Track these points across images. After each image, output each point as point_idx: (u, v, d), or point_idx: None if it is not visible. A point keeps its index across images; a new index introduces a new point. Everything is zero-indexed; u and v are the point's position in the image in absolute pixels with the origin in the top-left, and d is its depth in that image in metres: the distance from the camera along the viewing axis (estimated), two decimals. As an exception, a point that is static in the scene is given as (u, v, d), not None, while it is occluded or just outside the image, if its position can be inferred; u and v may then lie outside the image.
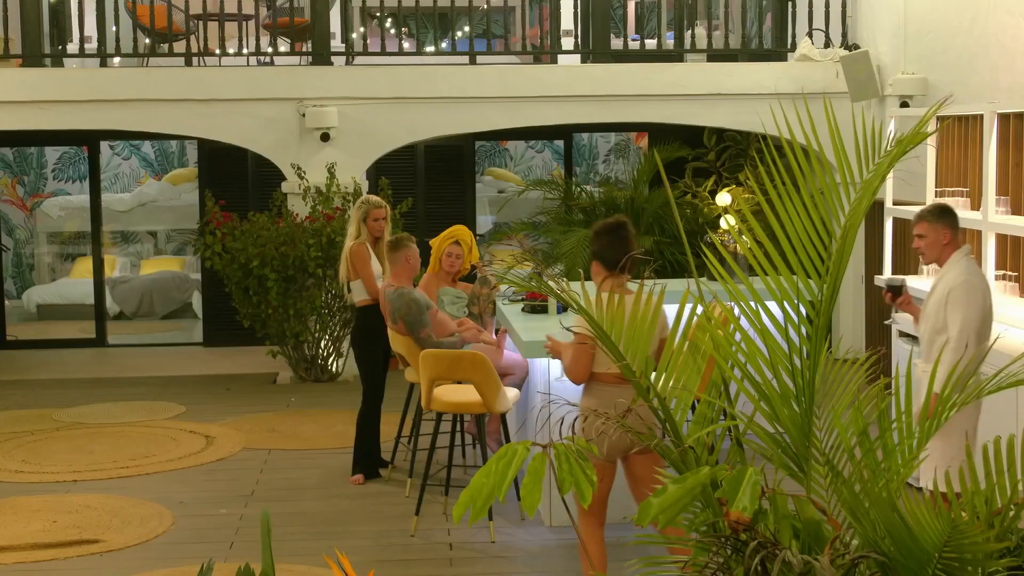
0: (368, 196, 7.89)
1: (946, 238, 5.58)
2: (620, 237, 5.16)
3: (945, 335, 5.50)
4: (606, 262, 5.15)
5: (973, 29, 8.73)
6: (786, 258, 3.28)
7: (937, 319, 5.57)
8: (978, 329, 5.41)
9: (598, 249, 5.19)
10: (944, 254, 5.61)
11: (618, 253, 5.09)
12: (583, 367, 5.05)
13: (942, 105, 3.73)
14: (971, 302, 5.39)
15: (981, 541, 2.74)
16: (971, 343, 5.37)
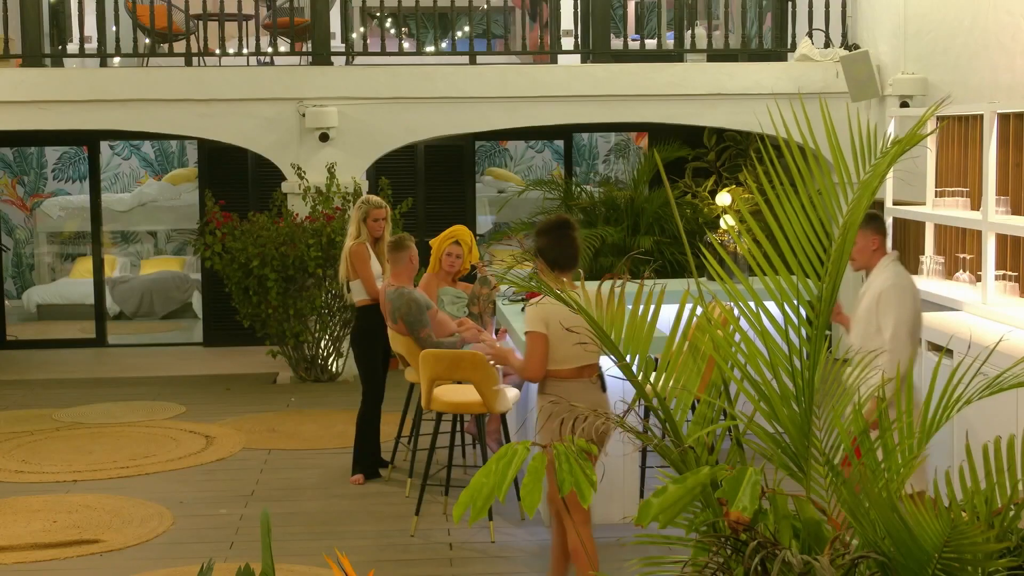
0: (368, 196, 7.89)
1: (875, 244, 5.67)
2: (565, 236, 5.22)
3: (879, 339, 5.55)
4: (549, 261, 5.20)
5: (973, 29, 8.73)
6: (785, 259, 3.28)
7: (869, 324, 5.64)
8: (911, 329, 5.49)
9: (542, 247, 5.24)
10: (873, 260, 5.70)
11: (562, 252, 5.18)
12: (539, 364, 5.12)
13: (940, 105, 3.73)
14: (903, 303, 5.47)
15: (981, 541, 2.74)
16: (906, 343, 5.44)
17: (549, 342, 5.07)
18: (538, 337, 5.09)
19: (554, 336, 5.04)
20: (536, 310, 5.11)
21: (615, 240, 10.89)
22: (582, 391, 5.10)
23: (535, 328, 5.10)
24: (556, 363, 5.12)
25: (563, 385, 5.11)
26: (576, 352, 5.00)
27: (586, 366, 5.17)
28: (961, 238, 8.21)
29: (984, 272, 7.13)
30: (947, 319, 7.06)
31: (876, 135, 3.32)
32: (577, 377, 5.13)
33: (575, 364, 5.12)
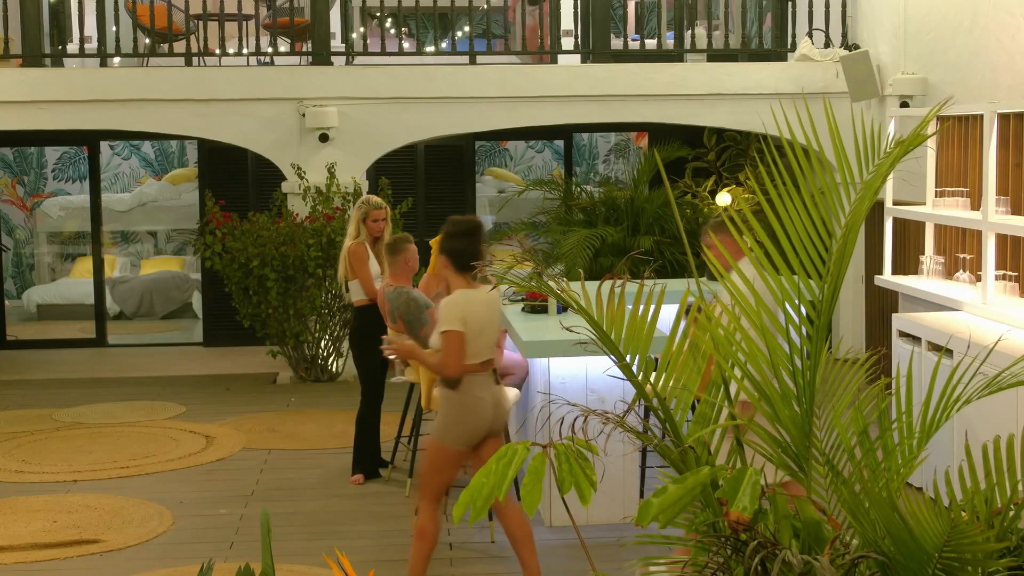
0: (368, 196, 7.89)
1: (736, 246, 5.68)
2: (477, 240, 5.40)
3: None
4: (459, 263, 5.37)
5: (973, 29, 8.73)
6: (787, 258, 3.28)
7: None
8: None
9: (453, 249, 5.39)
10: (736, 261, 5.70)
11: (472, 256, 5.35)
12: (458, 361, 5.27)
13: (944, 106, 3.73)
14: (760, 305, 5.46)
15: (981, 541, 2.74)
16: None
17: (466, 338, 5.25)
18: (457, 335, 5.25)
19: (470, 332, 5.26)
20: (453, 308, 5.29)
21: (615, 240, 10.89)
22: (487, 384, 5.37)
23: (453, 326, 5.25)
24: (468, 358, 5.31)
25: (473, 379, 5.32)
26: (483, 347, 5.31)
27: (489, 360, 5.40)
28: (961, 238, 8.21)
29: (984, 272, 7.13)
30: (947, 319, 7.06)
31: (879, 135, 3.32)
32: (481, 371, 5.35)
33: (481, 359, 5.35)
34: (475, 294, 5.35)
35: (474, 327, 5.27)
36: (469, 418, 5.32)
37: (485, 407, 5.34)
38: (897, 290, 8.45)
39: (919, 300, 7.91)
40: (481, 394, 5.34)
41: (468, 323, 5.26)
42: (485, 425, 5.36)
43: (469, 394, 5.30)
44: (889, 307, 9.04)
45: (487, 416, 5.35)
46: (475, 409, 5.32)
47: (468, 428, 5.33)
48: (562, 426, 3.31)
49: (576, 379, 6.57)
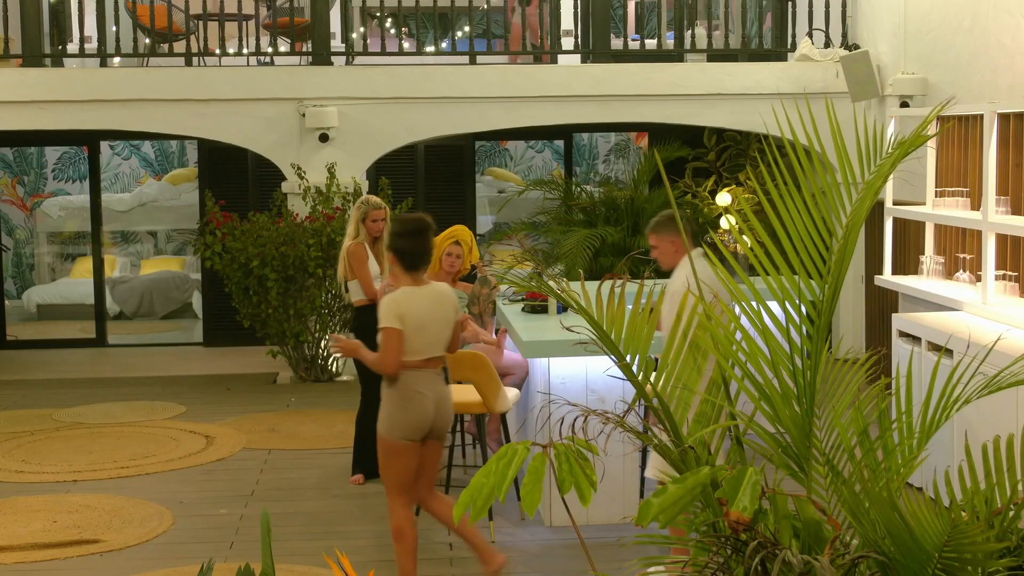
0: (368, 196, 7.89)
1: (675, 244, 5.82)
2: (423, 240, 5.49)
3: None
4: (407, 262, 5.47)
5: (973, 29, 8.73)
6: (787, 258, 3.28)
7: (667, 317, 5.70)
8: None
9: (400, 248, 5.48)
10: (676, 259, 5.83)
11: (418, 256, 5.46)
12: (395, 358, 5.36)
13: (945, 106, 3.73)
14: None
15: (981, 541, 2.74)
16: None
17: (404, 336, 5.33)
18: (393, 332, 5.33)
19: (408, 329, 5.34)
20: (391, 305, 5.37)
21: (615, 240, 10.89)
22: (429, 381, 5.43)
23: (390, 323, 5.34)
24: (407, 354, 5.38)
25: (412, 375, 5.39)
26: (426, 344, 5.39)
27: (434, 358, 5.46)
28: (961, 238, 8.21)
29: (984, 272, 7.13)
30: (947, 319, 7.06)
31: (880, 136, 3.32)
32: (424, 367, 5.41)
33: (424, 356, 5.41)
34: (418, 292, 5.43)
35: (413, 324, 5.34)
36: (409, 412, 5.38)
37: (426, 402, 5.40)
38: (897, 290, 8.45)
39: (919, 300, 7.91)
40: (422, 389, 5.40)
41: (406, 320, 5.34)
42: (427, 421, 5.42)
43: (409, 388, 5.37)
44: (889, 307, 9.04)
45: (428, 412, 5.41)
46: (415, 404, 5.38)
47: (409, 422, 5.39)
48: (562, 426, 3.31)
49: (576, 379, 6.57)
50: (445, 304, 5.48)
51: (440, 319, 5.44)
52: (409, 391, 5.38)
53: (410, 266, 5.45)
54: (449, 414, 5.56)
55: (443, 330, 5.46)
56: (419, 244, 5.45)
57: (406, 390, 5.38)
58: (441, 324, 5.45)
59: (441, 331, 5.45)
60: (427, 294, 5.43)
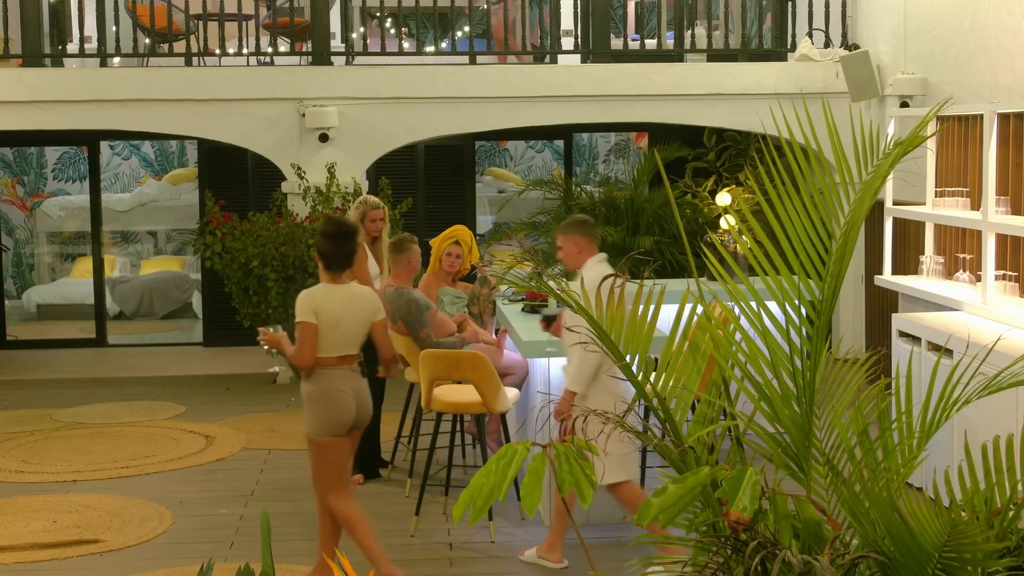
0: (366, 196, 7.89)
1: (579, 247, 5.94)
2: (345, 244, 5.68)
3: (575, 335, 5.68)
4: (324, 263, 5.68)
5: (973, 29, 8.73)
6: (786, 258, 3.28)
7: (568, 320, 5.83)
8: None
9: (321, 249, 5.70)
10: (579, 262, 5.93)
11: (337, 260, 5.66)
12: (310, 352, 5.51)
13: (942, 107, 3.73)
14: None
15: (981, 541, 2.75)
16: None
17: (318, 331, 5.49)
18: (308, 327, 5.50)
19: (323, 325, 5.51)
20: (306, 300, 5.56)
21: (615, 240, 10.89)
22: (345, 378, 5.59)
23: (306, 318, 5.52)
24: (323, 351, 5.55)
25: (328, 372, 5.56)
26: (341, 341, 5.56)
27: (348, 355, 5.63)
28: (961, 238, 8.21)
29: (984, 272, 7.13)
30: (947, 319, 7.06)
31: (879, 136, 3.32)
32: (340, 365, 5.58)
33: (339, 353, 5.59)
34: (335, 290, 5.63)
35: (327, 321, 5.51)
36: (332, 409, 5.55)
37: (346, 399, 5.57)
38: (897, 290, 8.45)
39: (919, 300, 7.91)
40: (341, 387, 5.57)
41: (320, 316, 5.51)
42: (350, 415, 5.60)
43: (329, 386, 5.54)
44: (889, 307, 9.03)
45: (350, 407, 5.59)
46: (336, 400, 5.55)
47: (333, 419, 5.55)
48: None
49: (576, 379, 6.55)
50: (361, 304, 5.66)
51: (355, 318, 5.61)
52: (330, 389, 5.55)
53: (328, 267, 5.67)
54: (368, 406, 5.73)
55: (358, 329, 5.63)
56: (339, 247, 5.65)
57: (327, 389, 5.55)
58: (356, 323, 5.62)
59: (356, 330, 5.62)
60: (343, 293, 5.63)
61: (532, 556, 6.13)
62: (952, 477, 3.09)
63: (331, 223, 5.77)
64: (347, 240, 5.69)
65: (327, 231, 5.71)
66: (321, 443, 5.59)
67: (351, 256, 5.71)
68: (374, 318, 5.67)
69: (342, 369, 5.60)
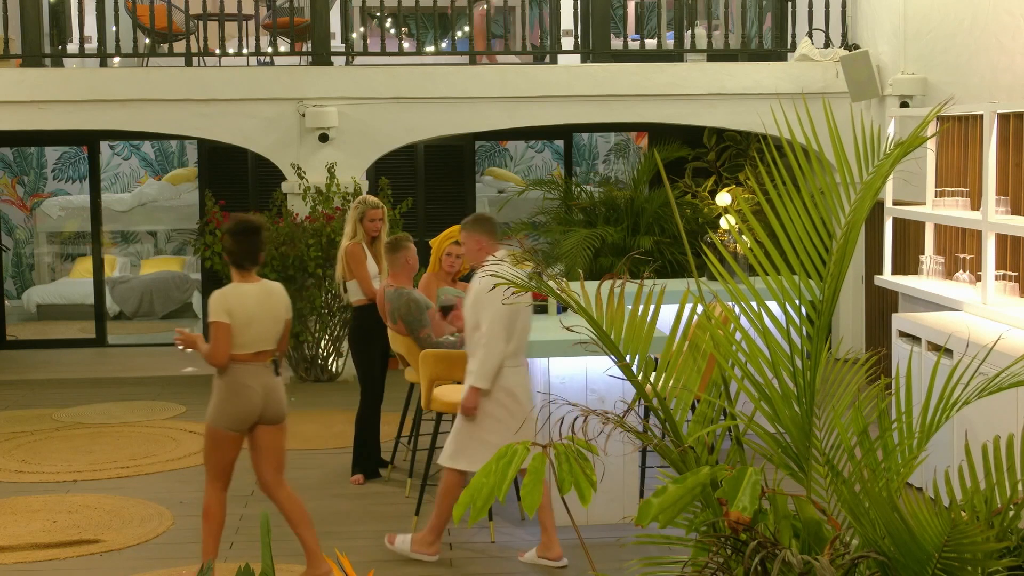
0: (365, 196, 7.89)
1: (480, 244, 6.10)
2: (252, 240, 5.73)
3: (477, 334, 5.95)
4: (233, 260, 5.75)
5: (973, 29, 8.73)
6: (787, 258, 3.28)
7: (471, 318, 6.04)
8: (507, 327, 5.86)
9: (227, 246, 5.77)
10: (480, 259, 6.06)
11: (245, 256, 5.71)
12: (224, 351, 5.61)
13: (943, 107, 3.73)
14: (495, 301, 5.71)
15: (981, 541, 2.75)
16: (499, 338, 5.84)
17: (232, 330, 5.59)
18: (222, 326, 5.60)
19: (236, 324, 5.61)
20: (219, 300, 5.65)
21: (615, 240, 10.89)
22: (256, 374, 5.68)
23: (219, 318, 5.61)
24: (237, 348, 5.64)
25: (240, 367, 5.65)
26: (254, 338, 5.66)
27: (262, 351, 5.72)
28: (961, 238, 8.21)
29: (984, 272, 7.13)
30: (947, 319, 7.06)
31: (879, 136, 3.32)
32: (253, 361, 5.67)
33: (253, 349, 5.68)
34: (246, 288, 5.70)
35: (240, 319, 5.60)
36: (236, 404, 5.64)
37: (253, 395, 5.65)
38: (897, 290, 8.45)
39: (919, 300, 7.91)
40: (249, 382, 5.65)
41: (234, 315, 5.60)
42: (254, 412, 5.67)
43: (237, 382, 5.63)
44: (889, 307, 9.04)
45: (256, 404, 5.66)
46: (242, 396, 5.63)
47: (236, 413, 5.65)
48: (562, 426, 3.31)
49: (576, 379, 6.57)
50: (274, 301, 5.75)
51: (269, 316, 5.70)
52: (238, 384, 5.64)
53: (237, 264, 5.74)
54: (279, 402, 5.78)
55: (272, 326, 5.72)
56: (246, 244, 5.71)
57: (235, 383, 5.64)
58: (270, 320, 5.71)
59: (270, 327, 5.71)
60: (256, 291, 5.72)
61: (532, 557, 6.14)
62: (952, 477, 3.09)
63: (236, 220, 5.82)
64: (252, 236, 5.73)
65: (231, 228, 5.76)
66: (215, 432, 5.69)
67: (258, 252, 5.76)
68: (288, 315, 5.82)
69: (255, 365, 5.69)
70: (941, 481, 3.12)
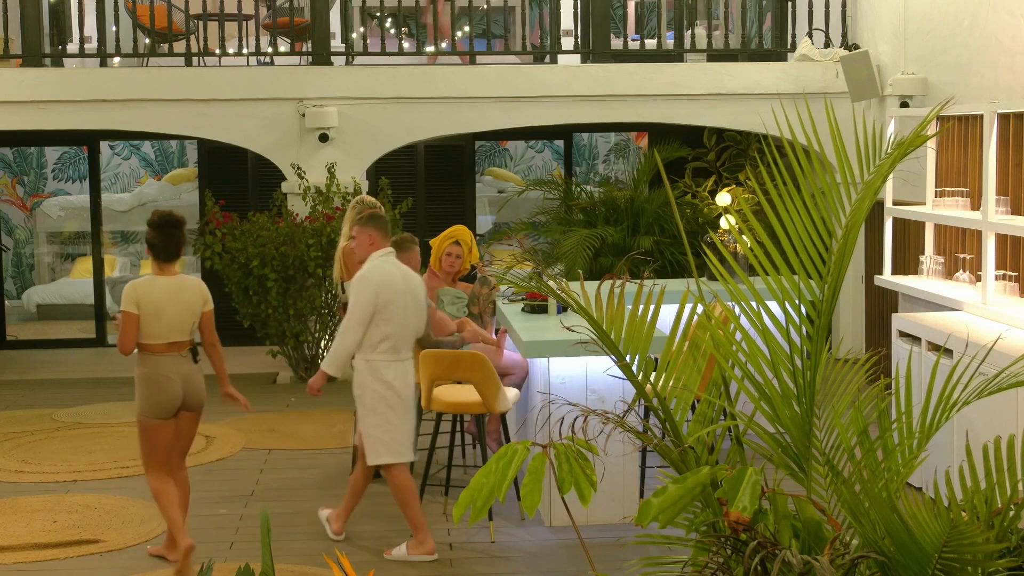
0: (363, 196, 7.89)
1: (372, 239, 6.41)
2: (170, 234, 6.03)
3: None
4: (151, 252, 6.07)
5: (973, 29, 8.73)
6: (787, 258, 3.28)
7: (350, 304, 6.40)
8: (362, 318, 6.17)
9: (148, 239, 6.07)
10: (367, 253, 6.43)
11: (163, 249, 6.03)
12: (130, 340, 5.96)
13: (943, 107, 3.73)
14: (360, 293, 6.18)
15: (981, 541, 2.75)
16: (355, 328, 6.18)
17: (140, 320, 5.90)
18: (128, 316, 5.92)
19: (145, 315, 5.91)
20: (129, 291, 5.95)
21: (615, 240, 10.89)
22: (174, 364, 6.00)
23: (127, 308, 5.93)
24: (149, 338, 5.97)
25: (156, 358, 5.98)
26: (165, 329, 5.96)
27: (176, 342, 6.03)
28: (961, 238, 8.21)
29: (984, 272, 7.13)
30: (947, 319, 7.06)
31: (880, 136, 3.32)
32: (168, 351, 5.99)
33: (166, 340, 5.99)
34: (159, 281, 6.00)
35: (148, 310, 5.91)
36: (157, 394, 5.97)
37: (173, 385, 5.97)
38: (897, 290, 8.45)
39: (919, 300, 7.91)
40: (168, 373, 5.96)
41: (142, 306, 5.91)
42: (175, 400, 5.99)
43: (157, 373, 5.96)
44: (889, 307, 9.03)
45: (176, 393, 5.98)
46: (161, 386, 5.95)
47: (158, 402, 5.97)
48: (562, 426, 3.31)
49: (576, 379, 6.57)
50: (187, 294, 6.04)
51: (181, 308, 6.00)
52: (157, 375, 5.95)
53: (155, 256, 6.04)
54: (198, 390, 6.09)
55: (185, 317, 6.02)
56: (165, 237, 5.99)
57: (154, 375, 5.96)
58: (182, 312, 6.01)
59: (182, 318, 6.01)
60: (168, 284, 6.01)
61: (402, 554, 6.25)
62: (952, 477, 3.09)
63: (159, 214, 6.08)
64: (173, 230, 6.00)
65: (153, 221, 6.03)
66: (145, 424, 6.01)
67: (178, 246, 6.03)
68: (204, 308, 6.12)
69: (170, 356, 5.98)
70: (941, 481, 3.12)
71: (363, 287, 6.20)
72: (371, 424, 6.21)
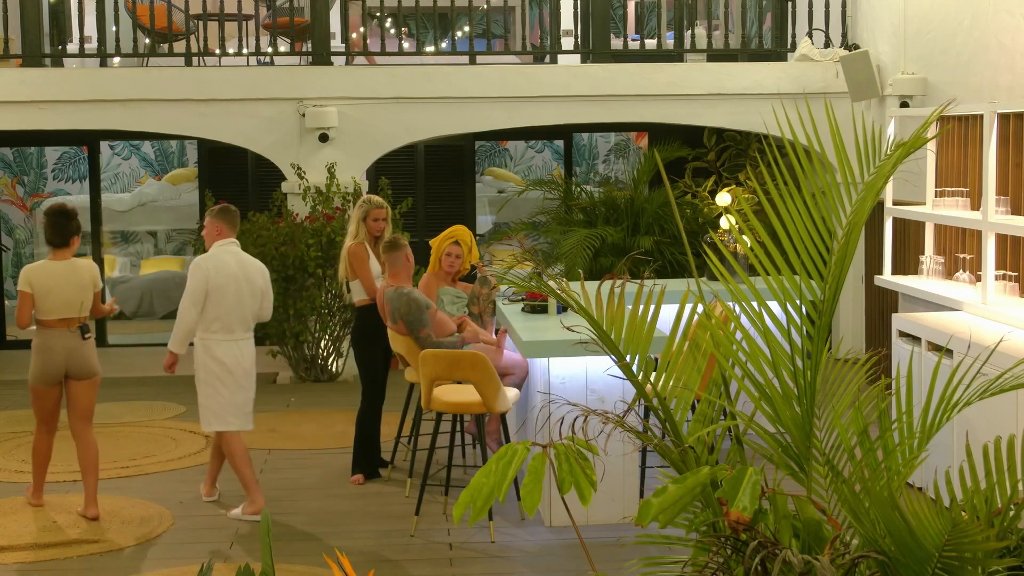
0: (369, 196, 7.89)
1: (219, 230, 6.98)
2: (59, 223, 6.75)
3: None
4: (48, 240, 6.78)
5: (973, 29, 8.73)
6: (788, 258, 3.28)
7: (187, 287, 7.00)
8: (193, 301, 6.83)
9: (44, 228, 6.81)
10: (211, 242, 6.98)
11: (52, 237, 6.76)
12: (24, 316, 6.76)
13: (945, 108, 3.73)
14: (192, 277, 6.85)
15: (981, 540, 2.74)
16: (189, 311, 6.83)
17: (34, 298, 6.67)
18: (23, 295, 6.72)
19: (38, 294, 6.68)
20: (24, 273, 6.76)
21: (615, 240, 10.89)
22: (60, 338, 6.77)
23: (21, 287, 6.75)
24: (43, 314, 6.75)
25: (46, 331, 6.80)
26: (55, 306, 6.72)
27: (67, 318, 6.77)
28: (961, 238, 8.21)
29: (984, 272, 7.13)
30: (947, 319, 7.06)
31: (880, 136, 3.32)
32: (57, 326, 6.76)
33: (57, 316, 6.75)
34: (52, 266, 6.76)
35: (40, 290, 6.68)
36: (41, 364, 6.82)
37: (56, 356, 6.77)
38: (897, 290, 8.45)
39: (919, 300, 7.91)
40: (52, 346, 6.76)
41: (34, 286, 6.69)
42: (58, 370, 6.80)
43: (43, 343, 6.79)
44: (889, 307, 9.04)
45: (58, 363, 6.78)
46: (46, 357, 6.79)
47: (43, 371, 6.82)
48: (562, 426, 3.31)
49: (576, 379, 6.57)
50: (78, 276, 6.75)
51: (72, 288, 6.72)
52: (43, 346, 6.80)
53: (48, 242, 6.77)
54: (83, 361, 6.82)
55: (75, 295, 6.73)
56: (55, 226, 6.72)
57: (40, 346, 6.81)
58: (74, 291, 6.72)
59: (72, 296, 6.72)
60: (60, 268, 6.75)
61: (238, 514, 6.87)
62: (953, 477, 3.09)
63: (53, 206, 6.83)
64: (62, 220, 6.74)
65: (47, 211, 6.81)
66: (31, 387, 6.91)
67: (67, 235, 6.73)
68: (95, 288, 6.81)
69: (59, 330, 6.76)
70: (942, 481, 3.12)
71: (195, 272, 6.88)
72: (202, 395, 6.91)
